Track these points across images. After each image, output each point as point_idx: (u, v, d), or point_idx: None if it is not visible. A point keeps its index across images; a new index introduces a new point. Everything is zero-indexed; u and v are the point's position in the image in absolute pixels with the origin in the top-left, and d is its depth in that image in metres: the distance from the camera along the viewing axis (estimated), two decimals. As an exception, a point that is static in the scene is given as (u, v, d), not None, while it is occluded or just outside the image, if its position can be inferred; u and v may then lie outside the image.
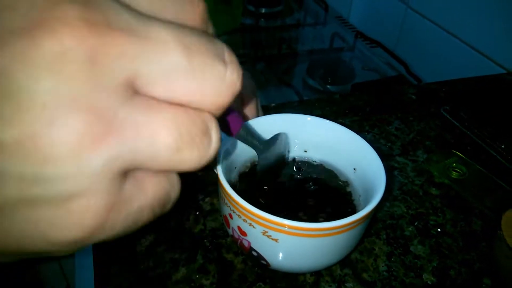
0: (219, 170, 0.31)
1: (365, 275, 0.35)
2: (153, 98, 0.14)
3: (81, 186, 0.12)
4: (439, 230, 0.39)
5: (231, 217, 0.30)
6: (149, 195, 0.15)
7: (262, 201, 0.33)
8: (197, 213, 0.38)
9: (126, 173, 0.14)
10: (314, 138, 0.37)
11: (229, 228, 0.32)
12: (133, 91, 0.13)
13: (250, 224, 0.29)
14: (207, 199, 0.40)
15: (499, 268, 0.35)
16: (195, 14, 0.15)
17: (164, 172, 0.16)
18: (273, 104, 0.52)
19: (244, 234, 0.30)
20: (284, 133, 0.34)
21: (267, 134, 0.36)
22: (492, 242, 0.37)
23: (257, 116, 0.39)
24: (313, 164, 0.38)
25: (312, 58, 0.87)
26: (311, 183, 0.36)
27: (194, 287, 0.33)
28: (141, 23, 0.13)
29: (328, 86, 0.76)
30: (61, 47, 0.11)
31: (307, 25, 1.02)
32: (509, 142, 0.49)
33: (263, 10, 1.00)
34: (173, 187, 0.16)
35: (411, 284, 0.34)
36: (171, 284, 0.33)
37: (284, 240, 0.28)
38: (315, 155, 0.38)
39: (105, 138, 0.12)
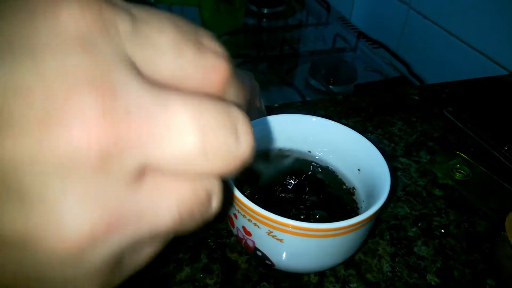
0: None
1: (369, 276, 0.35)
2: (161, 175, 0.13)
3: (75, 279, 0.12)
4: (442, 231, 0.39)
5: (236, 217, 0.30)
6: (140, 260, 0.15)
7: (266, 201, 0.33)
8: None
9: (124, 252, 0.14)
10: (319, 138, 0.37)
11: (233, 227, 0.32)
12: (141, 175, 0.12)
13: (255, 224, 0.29)
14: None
15: (502, 269, 0.35)
16: (218, 81, 0.14)
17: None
18: (276, 105, 0.52)
19: (248, 234, 0.30)
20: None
21: (271, 134, 0.36)
22: (495, 243, 0.37)
23: (261, 116, 0.39)
24: (316, 164, 0.38)
25: (314, 59, 0.87)
26: (315, 183, 0.35)
27: (198, 286, 0.33)
28: (160, 103, 0.12)
29: (330, 87, 0.76)
30: (73, 145, 0.11)
31: (309, 26, 1.03)
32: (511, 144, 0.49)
33: (265, 10, 1.00)
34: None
35: (415, 285, 0.34)
36: (175, 283, 0.33)
37: (289, 240, 0.28)
38: (319, 155, 0.38)
39: (109, 233, 0.12)
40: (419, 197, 0.43)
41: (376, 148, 0.34)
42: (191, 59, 0.13)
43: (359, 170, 0.36)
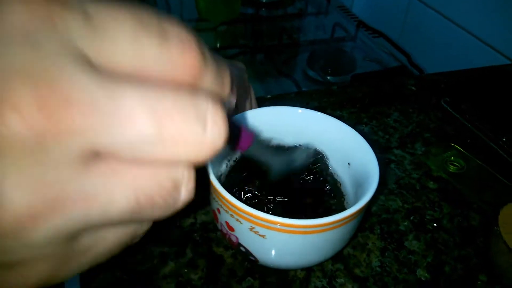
0: (208, 164, 0.30)
1: (357, 271, 0.34)
2: (117, 160, 0.13)
3: (24, 255, 0.13)
4: (435, 225, 0.38)
5: (219, 212, 0.30)
6: (108, 243, 0.15)
7: (250, 195, 0.32)
8: (188, 206, 0.38)
9: (77, 234, 0.14)
10: (306, 130, 0.36)
11: (217, 222, 0.31)
12: (93, 158, 0.13)
13: (237, 220, 0.28)
14: (198, 191, 0.39)
15: (495, 265, 0.34)
16: (187, 68, 0.14)
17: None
18: (269, 96, 0.51)
19: (231, 229, 0.29)
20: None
21: (259, 127, 0.36)
22: (489, 238, 0.36)
23: (250, 109, 0.38)
24: (305, 157, 0.37)
25: (313, 49, 0.85)
26: (301, 176, 0.35)
27: (182, 281, 0.32)
28: (108, 91, 0.12)
29: (328, 77, 0.74)
30: (7, 131, 0.11)
31: (309, 15, 1.01)
32: (510, 135, 0.48)
33: (264, 0, 0.98)
34: (140, 227, 0.16)
35: (404, 281, 0.34)
36: (158, 278, 0.32)
37: (271, 236, 0.28)
38: (308, 148, 0.37)
39: (51, 211, 0.12)
40: (412, 190, 0.42)
41: (364, 140, 0.33)
42: (151, 48, 0.14)
43: (349, 164, 0.35)
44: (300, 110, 0.35)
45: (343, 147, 0.35)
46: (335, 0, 1.00)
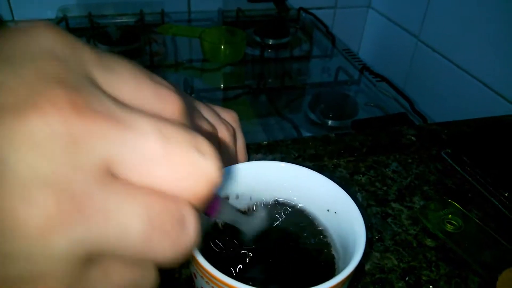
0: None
1: (346, 337, 0.32)
2: (130, 183, 0.14)
3: (43, 267, 0.12)
4: (431, 287, 0.37)
5: (195, 277, 0.28)
6: (114, 284, 0.15)
7: (230, 262, 0.31)
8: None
9: (92, 258, 0.14)
10: (289, 186, 0.35)
11: (195, 287, 0.30)
12: (110, 175, 0.14)
13: (213, 288, 0.27)
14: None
15: (494, 336, 0.32)
16: (174, 110, 0.17)
17: (137, 262, 0.15)
18: (265, 142, 0.51)
19: (209, 296, 0.28)
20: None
21: (245, 183, 0.35)
22: (487, 305, 0.34)
23: (239, 161, 0.38)
24: (291, 214, 0.36)
25: (316, 92, 0.86)
26: (286, 239, 0.33)
27: None
28: (123, 111, 0.14)
29: (329, 122, 0.74)
30: (46, 127, 0.12)
31: (313, 58, 1.02)
32: (512, 191, 0.47)
33: (270, 41, 1.00)
34: (146, 279, 0.16)
35: None
36: None
37: (252, 308, 0.26)
38: (295, 204, 0.36)
39: (74, 221, 0.12)
40: (409, 248, 0.40)
41: (349, 197, 0.32)
42: (148, 88, 0.17)
43: (336, 224, 0.33)
44: (282, 164, 0.34)
45: (326, 201, 0.33)
46: (341, 43, 1.01)
